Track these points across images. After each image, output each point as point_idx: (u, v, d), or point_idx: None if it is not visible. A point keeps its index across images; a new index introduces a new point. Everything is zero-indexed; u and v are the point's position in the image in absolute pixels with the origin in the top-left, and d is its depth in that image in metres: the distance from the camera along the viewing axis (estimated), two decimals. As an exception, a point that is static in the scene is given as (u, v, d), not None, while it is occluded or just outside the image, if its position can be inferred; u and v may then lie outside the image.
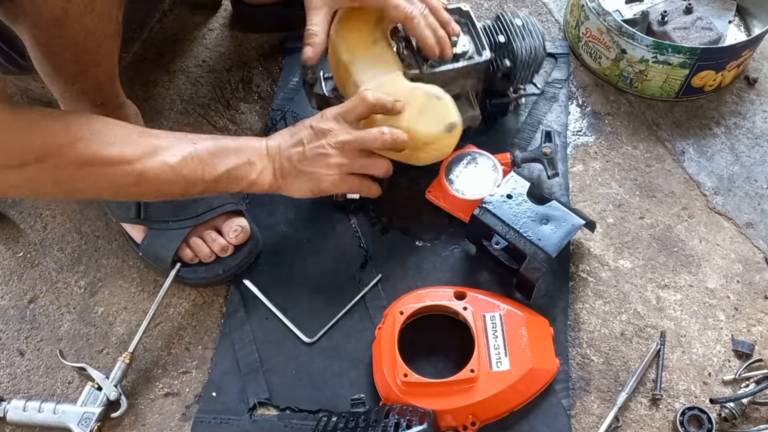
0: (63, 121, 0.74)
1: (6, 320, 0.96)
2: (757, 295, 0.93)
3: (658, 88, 1.09)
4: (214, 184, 0.81)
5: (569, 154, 1.06)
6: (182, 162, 0.78)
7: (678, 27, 1.10)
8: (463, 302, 0.86)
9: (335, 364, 0.89)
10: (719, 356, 0.89)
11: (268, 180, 0.84)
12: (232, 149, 0.82)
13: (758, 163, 1.05)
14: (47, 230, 1.04)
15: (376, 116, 0.86)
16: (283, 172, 0.84)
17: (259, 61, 1.21)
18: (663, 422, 0.84)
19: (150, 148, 0.76)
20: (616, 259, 0.96)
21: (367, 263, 0.97)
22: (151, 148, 0.76)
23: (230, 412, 0.87)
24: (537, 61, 0.97)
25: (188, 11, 1.28)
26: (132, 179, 0.76)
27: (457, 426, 0.81)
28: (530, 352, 0.83)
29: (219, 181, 0.81)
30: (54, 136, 0.71)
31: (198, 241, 0.94)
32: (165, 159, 0.77)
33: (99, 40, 0.84)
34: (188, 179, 0.79)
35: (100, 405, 0.86)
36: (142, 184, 0.77)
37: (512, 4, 1.26)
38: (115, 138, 0.75)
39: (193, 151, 0.79)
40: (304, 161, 0.84)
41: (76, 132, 0.72)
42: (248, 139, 0.85)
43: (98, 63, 0.87)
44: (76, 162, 0.72)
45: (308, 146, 0.84)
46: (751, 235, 0.98)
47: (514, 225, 0.87)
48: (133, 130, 0.78)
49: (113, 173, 0.75)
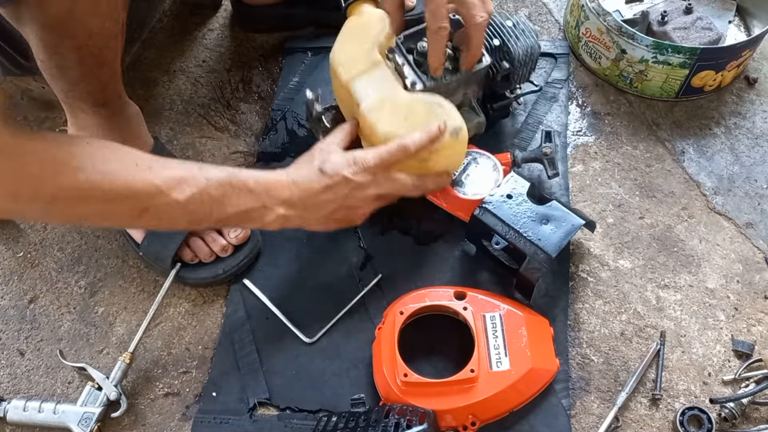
0: (65, 149, 0.68)
1: (6, 320, 0.96)
2: (757, 295, 0.93)
3: (658, 88, 1.09)
4: (221, 223, 0.79)
5: (569, 154, 1.06)
6: (190, 199, 0.73)
7: (678, 27, 1.10)
8: (463, 302, 0.86)
9: (335, 364, 0.89)
10: (719, 356, 0.89)
11: (281, 224, 0.81)
12: (247, 189, 0.77)
13: (758, 163, 1.05)
14: (47, 230, 1.04)
15: (377, 132, 0.84)
16: (303, 220, 0.81)
17: (259, 61, 1.21)
18: (663, 422, 0.85)
19: (157, 182, 0.71)
20: (616, 259, 0.97)
21: (367, 263, 0.97)
22: (158, 182, 0.71)
23: (230, 412, 0.87)
24: (533, 59, 0.97)
25: (188, 11, 1.28)
26: (135, 213, 0.72)
27: (457, 426, 0.81)
28: (530, 352, 0.83)
29: (227, 221, 0.79)
30: (53, 165, 0.66)
31: (198, 241, 0.94)
32: (172, 195, 0.72)
33: (104, 41, 0.84)
34: (194, 217, 0.75)
35: (100, 405, 0.86)
36: (145, 219, 0.73)
37: (512, 4, 1.26)
38: (119, 169, 0.70)
39: (205, 187, 0.74)
40: (336, 212, 0.81)
41: (79, 161, 0.68)
42: (270, 178, 0.79)
43: (102, 64, 0.87)
44: (75, 196, 0.68)
45: (343, 201, 0.80)
46: (751, 235, 0.98)
47: (514, 225, 0.87)
48: (140, 160, 0.73)
49: (114, 208, 0.71)
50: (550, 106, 1.10)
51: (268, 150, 1.09)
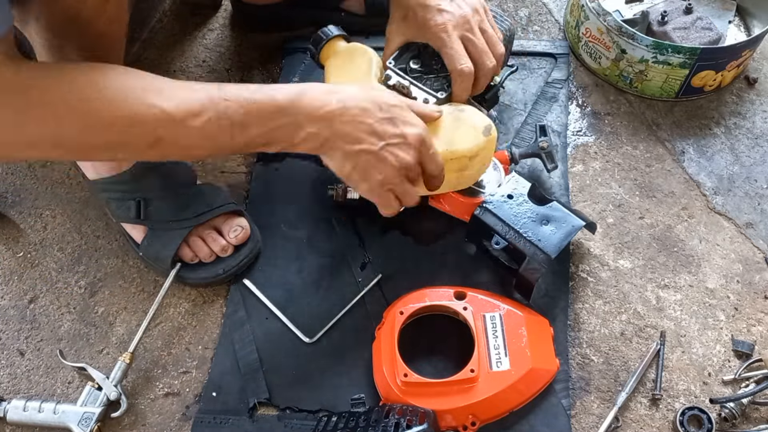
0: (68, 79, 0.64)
1: (6, 320, 0.96)
2: (757, 295, 0.93)
3: (658, 88, 1.09)
4: (245, 148, 0.71)
5: (569, 154, 1.06)
6: (208, 124, 0.67)
7: (678, 27, 1.10)
8: (463, 302, 0.86)
9: (335, 364, 0.89)
10: (719, 356, 0.89)
11: (310, 146, 0.73)
12: (277, 107, 0.70)
13: (758, 163, 1.05)
14: (47, 230, 1.04)
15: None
16: (332, 144, 0.73)
17: (259, 61, 1.20)
18: (663, 422, 0.84)
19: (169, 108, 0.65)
20: (616, 259, 0.97)
21: (367, 263, 0.97)
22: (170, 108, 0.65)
23: (230, 412, 0.87)
24: (512, 41, 1.00)
25: (188, 11, 1.28)
26: (148, 143, 0.67)
27: (457, 426, 0.81)
28: (530, 352, 0.83)
29: (251, 144, 0.71)
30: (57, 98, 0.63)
31: (198, 241, 0.94)
32: (187, 122, 0.66)
33: (110, 42, 0.84)
34: (215, 143, 0.69)
35: (100, 405, 0.86)
36: (160, 148, 0.68)
37: (512, 4, 1.26)
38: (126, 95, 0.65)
39: (224, 110, 0.67)
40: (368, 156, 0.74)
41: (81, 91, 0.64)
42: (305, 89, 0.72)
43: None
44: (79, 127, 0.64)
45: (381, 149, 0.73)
46: (751, 235, 0.98)
47: (515, 225, 0.87)
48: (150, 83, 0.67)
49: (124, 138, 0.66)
50: (550, 106, 1.10)
51: (268, 150, 1.09)
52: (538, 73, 1.14)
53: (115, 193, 0.94)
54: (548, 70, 1.15)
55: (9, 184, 1.08)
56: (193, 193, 0.95)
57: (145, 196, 0.93)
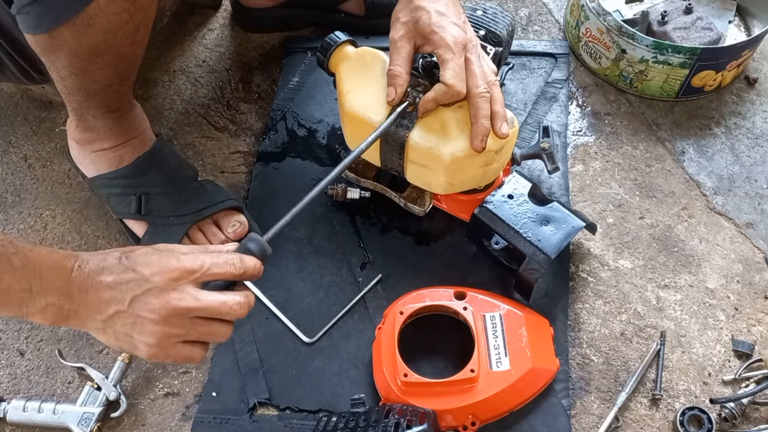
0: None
1: (6, 320, 0.96)
2: (757, 295, 0.93)
3: (658, 88, 1.09)
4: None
5: (569, 154, 1.06)
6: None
7: (678, 27, 1.10)
8: (463, 302, 0.86)
9: (335, 364, 0.89)
10: (719, 356, 0.89)
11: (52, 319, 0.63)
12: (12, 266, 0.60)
13: (758, 163, 1.05)
14: (47, 230, 1.04)
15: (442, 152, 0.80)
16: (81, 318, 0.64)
17: (259, 61, 1.20)
18: (663, 422, 0.84)
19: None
20: (616, 259, 0.96)
21: (367, 263, 0.97)
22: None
23: (230, 412, 0.87)
24: (513, 35, 1.01)
25: (188, 11, 1.28)
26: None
27: (457, 426, 0.81)
28: (530, 352, 0.83)
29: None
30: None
31: (199, 236, 0.94)
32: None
33: (132, 62, 0.85)
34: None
35: (100, 405, 0.86)
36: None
37: (512, 4, 1.26)
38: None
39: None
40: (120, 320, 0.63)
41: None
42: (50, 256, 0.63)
43: (125, 80, 0.88)
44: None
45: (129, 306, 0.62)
46: (751, 235, 0.98)
47: (515, 225, 0.87)
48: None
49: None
50: (550, 106, 1.10)
51: (268, 150, 1.09)
52: (538, 73, 1.14)
53: (115, 188, 0.94)
54: (548, 70, 1.15)
55: (9, 184, 1.08)
56: (194, 189, 0.95)
57: (146, 191, 0.93)
